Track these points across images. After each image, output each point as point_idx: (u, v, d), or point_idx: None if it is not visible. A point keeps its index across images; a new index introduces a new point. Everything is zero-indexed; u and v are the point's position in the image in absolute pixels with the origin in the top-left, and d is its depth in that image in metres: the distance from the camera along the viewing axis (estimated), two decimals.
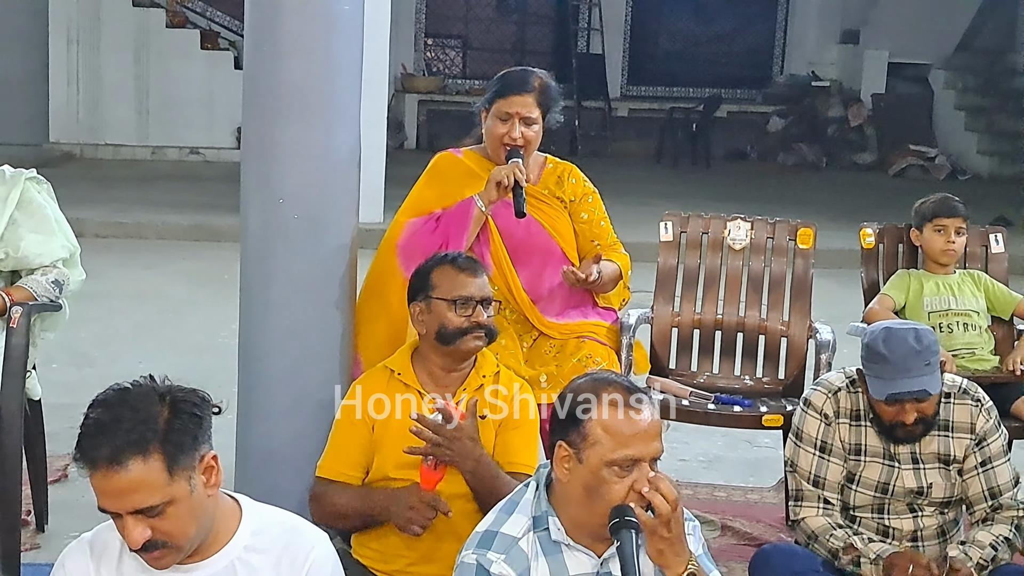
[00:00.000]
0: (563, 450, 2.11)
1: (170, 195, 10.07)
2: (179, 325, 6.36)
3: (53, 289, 3.38)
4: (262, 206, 3.34)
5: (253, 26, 3.38)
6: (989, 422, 3.09)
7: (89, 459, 1.82)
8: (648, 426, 2.10)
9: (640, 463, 2.05)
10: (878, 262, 4.29)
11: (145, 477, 1.82)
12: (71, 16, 11.58)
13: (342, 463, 2.90)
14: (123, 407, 1.87)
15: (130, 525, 1.84)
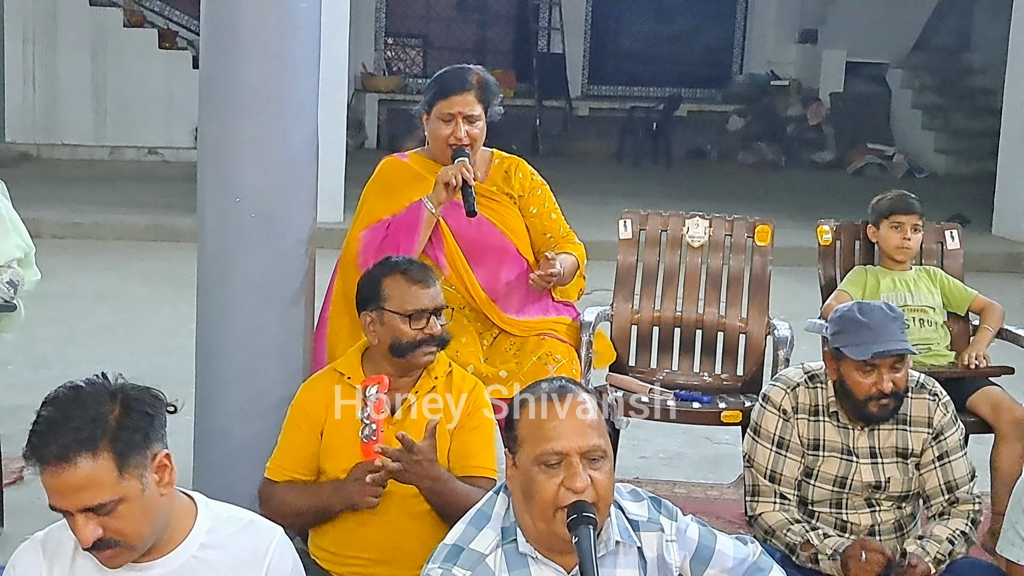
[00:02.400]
0: (508, 458, 2.17)
1: (128, 195, 10.14)
2: (138, 326, 6.39)
3: (8, 290, 3.42)
4: (219, 205, 3.38)
5: (209, 24, 3.40)
6: (946, 416, 3.18)
7: (39, 456, 1.86)
8: (573, 419, 2.10)
9: (568, 458, 2.05)
10: (835, 259, 4.35)
11: (95, 475, 1.86)
12: (27, 14, 11.67)
13: (291, 465, 2.97)
14: (74, 405, 1.91)
15: (80, 523, 1.88)
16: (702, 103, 15.13)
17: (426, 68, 14.75)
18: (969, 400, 3.76)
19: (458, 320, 3.54)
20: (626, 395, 3.95)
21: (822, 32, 15.19)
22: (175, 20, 12.91)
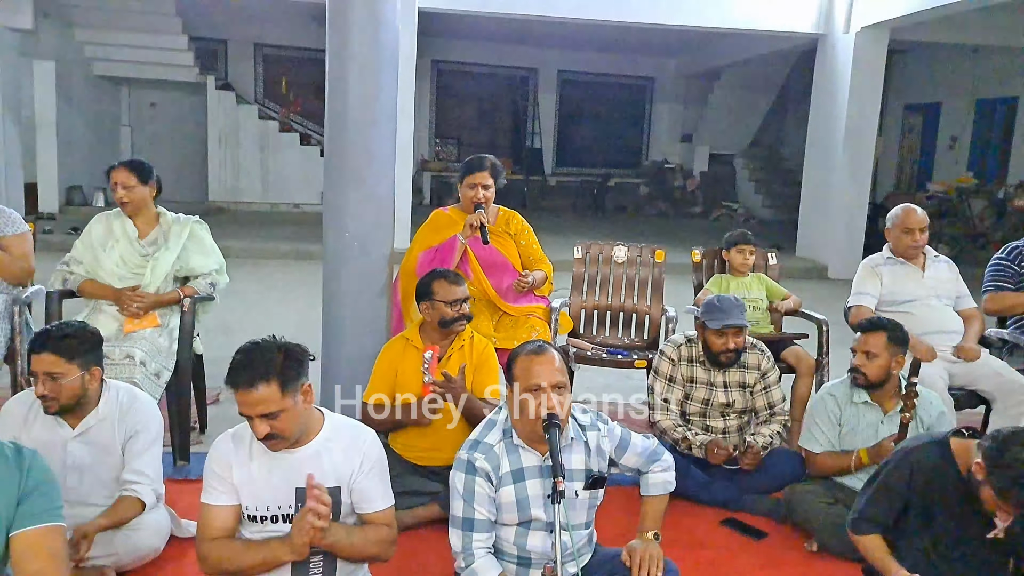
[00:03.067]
0: (508, 388, 2.34)
1: (281, 232, 10.78)
2: (285, 309, 6.74)
3: (209, 288, 3.66)
4: (336, 237, 3.66)
5: (330, 131, 3.66)
6: (768, 363, 3.55)
7: (234, 383, 2.06)
8: (545, 365, 2.23)
9: (544, 388, 2.20)
10: (702, 270, 4.59)
11: (267, 395, 2.04)
12: (221, 125, 12.62)
13: (377, 392, 3.21)
14: (255, 353, 2.09)
15: (258, 424, 2.06)
16: (623, 178, 15.66)
17: (459, 157, 14.89)
18: (781, 353, 4.00)
19: (477, 306, 3.74)
20: (579, 350, 4.18)
21: (695, 136, 15.85)
22: (309, 128, 13.72)
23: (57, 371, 2.50)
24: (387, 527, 2.25)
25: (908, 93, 13.64)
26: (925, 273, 4.03)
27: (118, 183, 3.56)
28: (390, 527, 2.25)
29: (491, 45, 14.88)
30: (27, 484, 1.81)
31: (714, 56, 13.88)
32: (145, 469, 2.63)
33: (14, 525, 1.79)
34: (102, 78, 12.57)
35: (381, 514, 2.24)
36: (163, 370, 3.42)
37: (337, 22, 3.55)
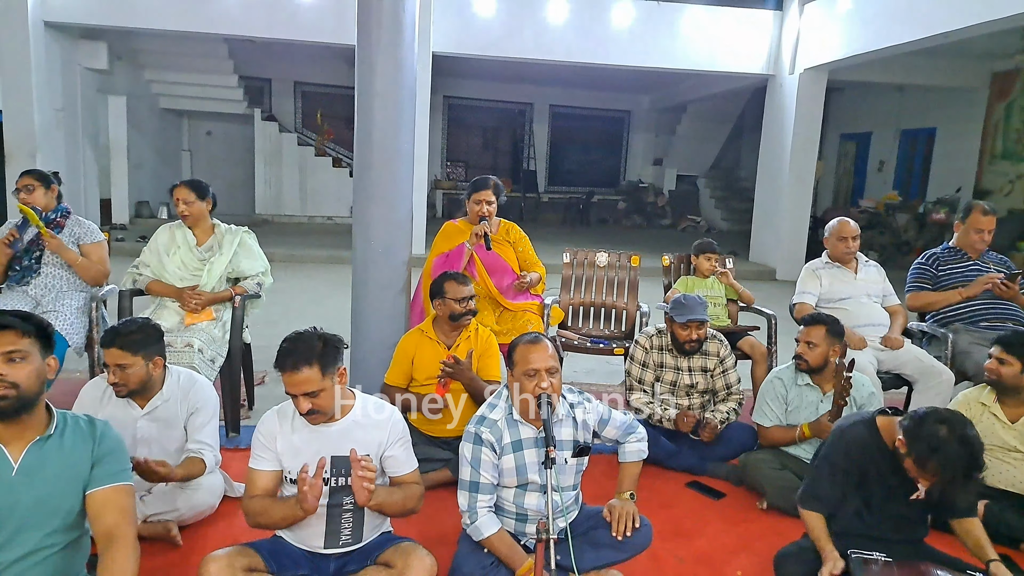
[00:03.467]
0: (508, 372, 2.33)
1: (317, 240, 10.68)
2: (321, 306, 6.65)
3: (256, 287, 3.66)
4: (363, 245, 3.65)
5: (359, 157, 3.63)
6: (726, 351, 3.52)
7: (282, 366, 2.06)
8: (540, 352, 2.23)
9: (539, 372, 2.20)
10: (671, 273, 4.56)
11: (310, 377, 2.04)
12: (266, 150, 12.59)
13: (396, 376, 3.20)
14: (299, 341, 2.09)
15: (301, 401, 2.06)
16: (605, 195, 15.57)
17: (467, 177, 15.18)
18: (738, 343, 4.02)
19: (482, 303, 3.71)
20: (567, 340, 4.18)
21: (665, 160, 15.74)
22: (340, 152, 13.62)
23: (124, 363, 2.52)
24: (416, 484, 2.27)
25: (844, 124, 13.63)
26: (857, 275, 4.03)
27: (180, 199, 3.56)
28: (418, 484, 2.28)
29: (493, 83, 14.94)
30: (99, 450, 1.82)
31: (681, 93, 13.87)
32: (206, 439, 2.64)
33: (90, 484, 1.80)
34: (166, 111, 12.65)
35: (410, 475, 2.26)
36: (217, 356, 3.42)
37: (364, 64, 3.55)
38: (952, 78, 10.17)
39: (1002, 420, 2.87)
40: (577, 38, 9.25)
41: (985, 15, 6.20)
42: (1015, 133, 9.99)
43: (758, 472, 3.14)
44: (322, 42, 9.05)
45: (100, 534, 1.77)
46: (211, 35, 9.74)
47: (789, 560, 2.44)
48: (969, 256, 3.99)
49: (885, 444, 2.35)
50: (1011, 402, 2.84)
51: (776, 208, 9.92)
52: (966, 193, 10.63)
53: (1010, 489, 2.85)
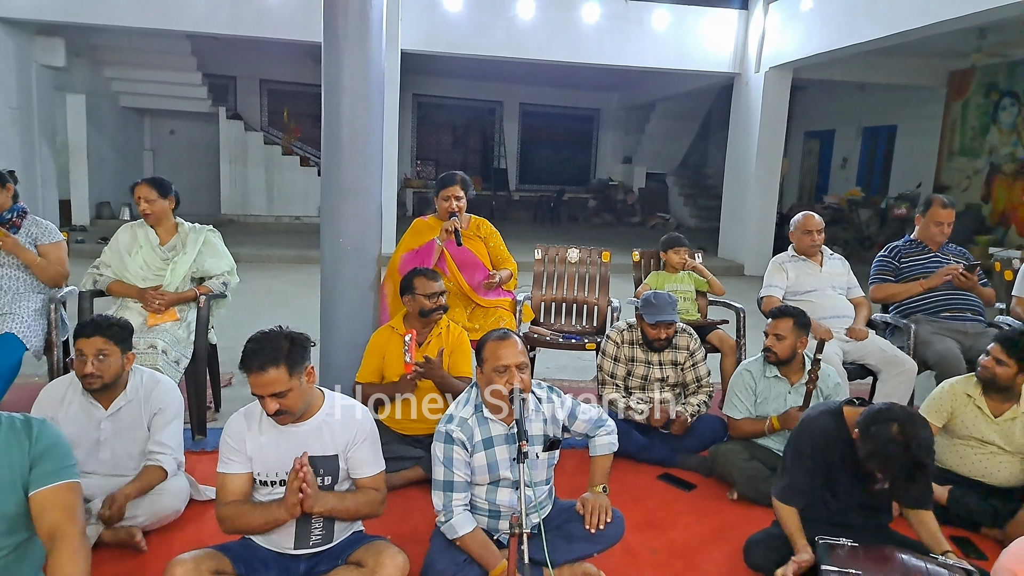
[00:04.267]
0: (477, 369, 2.33)
1: (285, 240, 10.52)
2: (289, 306, 6.52)
3: (222, 287, 3.59)
4: (332, 243, 3.57)
5: (327, 153, 3.56)
6: (695, 344, 3.55)
7: (247, 367, 2.02)
8: (509, 348, 2.23)
9: (509, 368, 2.20)
10: (641, 268, 4.59)
11: (277, 377, 2.01)
12: (231, 148, 12.30)
13: (367, 374, 3.16)
14: (265, 341, 2.05)
15: (268, 402, 2.03)
16: (575, 193, 15.60)
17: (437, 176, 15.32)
18: (707, 336, 4.03)
19: (453, 299, 3.69)
20: (540, 336, 4.16)
21: (634, 158, 15.82)
22: (308, 151, 13.46)
23: (105, 350, 2.48)
24: (375, 490, 2.22)
25: (807, 122, 13.87)
26: (823, 268, 4.09)
27: (141, 197, 3.49)
28: (379, 490, 2.22)
29: (463, 81, 14.91)
30: (36, 449, 1.75)
31: (649, 91, 13.97)
32: (167, 441, 2.59)
33: (30, 486, 1.73)
34: (127, 109, 12.35)
35: (370, 479, 2.21)
36: (182, 358, 3.36)
37: (331, 58, 3.49)
38: (911, 77, 10.39)
39: (986, 413, 2.90)
40: (547, 36, 9.27)
41: (943, 14, 6.35)
42: (971, 130, 10.25)
43: (728, 463, 3.16)
44: (288, 39, 8.92)
45: (43, 536, 1.71)
46: (173, 32, 9.55)
47: (758, 547, 2.48)
48: (929, 248, 4.08)
49: (849, 433, 2.38)
50: (997, 397, 2.87)
51: (743, 205, 10.03)
52: (926, 189, 10.88)
53: (978, 479, 2.90)
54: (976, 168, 10.13)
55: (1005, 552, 1.78)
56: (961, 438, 2.92)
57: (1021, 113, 9.38)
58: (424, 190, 14.45)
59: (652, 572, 2.55)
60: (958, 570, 2.07)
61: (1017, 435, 2.84)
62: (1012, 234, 9.46)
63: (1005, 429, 2.85)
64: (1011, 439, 2.84)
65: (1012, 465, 2.86)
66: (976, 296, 3.93)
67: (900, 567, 2.06)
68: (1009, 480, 2.88)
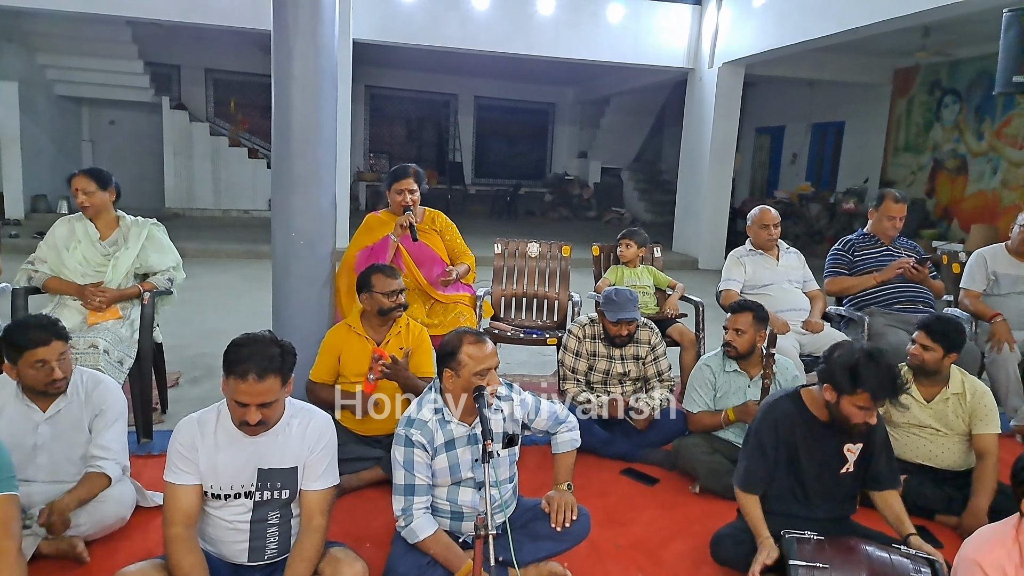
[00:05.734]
0: (447, 372, 2.22)
1: (232, 235, 10.31)
2: (239, 302, 6.33)
3: (167, 283, 3.46)
4: (283, 237, 3.49)
5: (277, 144, 3.47)
6: (657, 338, 3.56)
7: (240, 373, 1.87)
8: (489, 351, 2.20)
9: (489, 370, 2.18)
10: (601, 263, 4.61)
11: (272, 387, 1.92)
12: (176, 139, 11.97)
13: (323, 373, 3.07)
14: (258, 346, 1.92)
15: (253, 412, 1.91)
16: (531, 188, 15.63)
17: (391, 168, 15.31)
18: (667, 330, 4.06)
19: (411, 296, 3.63)
20: (501, 331, 4.14)
21: (590, 152, 15.94)
22: (256, 143, 13.20)
23: (64, 352, 2.38)
24: (320, 514, 2.06)
25: (758, 118, 14.12)
26: (779, 262, 4.15)
27: (79, 189, 3.33)
28: (323, 515, 2.07)
29: (417, 73, 14.78)
30: None
31: (604, 86, 14.06)
32: (109, 444, 2.45)
33: None
34: (63, 98, 11.78)
35: (319, 494, 2.07)
36: (125, 357, 3.21)
37: (281, 46, 3.38)
38: (858, 74, 10.66)
39: (918, 400, 3.00)
40: (502, 28, 9.21)
41: (891, 12, 6.51)
42: (915, 127, 10.57)
43: (690, 457, 3.17)
44: (235, 27, 8.65)
45: None
46: (113, 17, 9.17)
47: (725, 542, 2.48)
48: (882, 242, 4.17)
49: (811, 414, 2.40)
50: (926, 382, 2.97)
51: (698, 199, 10.15)
52: (873, 184, 11.19)
53: (926, 463, 2.99)
54: (920, 164, 10.46)
55: (967, 543, 1.80)
56: (900, 426, 3.00)
57: (962, 111, 9.71)
58: (377, 183, 14.28)
59: (617, 568, 2.54)
60: (920, 559, 2.09)
61: (950, 416, 2.95)
62: (955, 228, 9.80)
63: (939, 411, 2.96)
64: (946, 420, 2.95)
65: (953, 446, 2.97)
66: (927, 288, 4.03)
67: (865, 559, 2.08)
68: (955, 462, 2.98)
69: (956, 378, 2.97)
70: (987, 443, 2.84)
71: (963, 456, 2.96)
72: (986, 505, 2.75)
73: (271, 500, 2.04)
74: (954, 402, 2.95)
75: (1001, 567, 1.67)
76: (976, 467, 2.87)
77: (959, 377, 2.98)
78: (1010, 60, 4.39)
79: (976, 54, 9.28)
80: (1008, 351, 3.79)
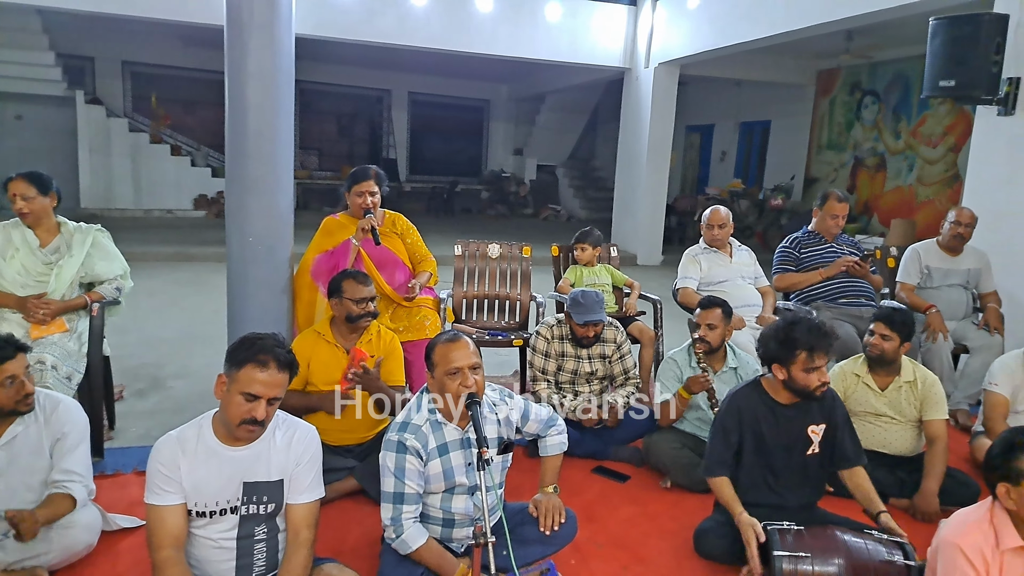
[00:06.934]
0: (428, 374, 2.23)
1: (157, 236, 9.82)
2: (177, 308, 5.98)
3: (115, 292, 3.33)
4: (240, 242, 3.42)
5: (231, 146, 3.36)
6: (622, 336, 3.60)
7: (262, 362, 1.88)
8: (460, 350, 2.18)
9: (462, 371, 2.14)
10: (560, 262, 4.64)
11: (284, 382, 1.95)
12: (91, 135, 11.34)
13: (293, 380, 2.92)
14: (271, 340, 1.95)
15: (262, 406, 1.90)
16: (468, 185, 15.56)
17: (321, 165, 14.72)
18: (627, 328, 4.02)
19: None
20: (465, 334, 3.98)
21: (525, 150, 16.02)
22: (179, 140, 12.70)
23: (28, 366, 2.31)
24: (307, 529, 2.04)
25: (689, 116, 14.51)
26: (732, 259, 4.29)
27: (17, 194, 3.13)
28: (310, 529, 2.05)
29: (348, 68, 14.51)
30: None
31: (539, 83, 14.15)
32: (75, 467, 2.32)
33: None
34: None
35: (305, 507, 2.04)
36: (74, 373, 3.05)
37: (235, 45, 3.29)
38: (784, 75, 11.12)
39: (874, 389, 3.16)
40: (440, 25, 9.14)
41: (818, 17, 6.81)
42: (837, 126, 11.11)
43: (660, 452, 3.25)
44: (154, 18, 8.20)
45: None
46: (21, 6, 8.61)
47: (708, 535, 2.55)
48: (826, 239, 4.37)
49: (773, 399, 2.51)
50: (881, 372, 3.13)
51: (635, 197, 10.35)
52: (799, 180, 11.69)
53: (880, 450, 3.15)
54: (842, 161, 11.00)
55: (944, 526, 1.92)
56: (857, 414, 3.14)
57: (881, 111, 10.26)
58: (308, 181, 13.98)
59: (603, 567, 2.57)
60: (892, 544, 2.21)
61: (903, 404, 3.11)
62: (875, 222, 10.35)
63: (893, 400, 3.12)
64: (899, 408, 3.12)
65: (906, 433, 3.14)
66: (869, 283, 4.25)
67: (843, 546, 2.19)
68: (907, 448, 3.16)
69: (908, 367, 3.14)
70: (937, 428, 3.02)
71: (914, 442, 3.15)
72: (936, 488, 2.92)
73: (257, 515, 2.00)
74: (907, 390, 3.11)
75: (979, 549, 1.77)
76: (927, 452, 3.05)
77: (910, 366, 3.15)
78: (937, 66, 4.67)
79: (894, 57, 9.82)
80: (942, 340, 4.02)
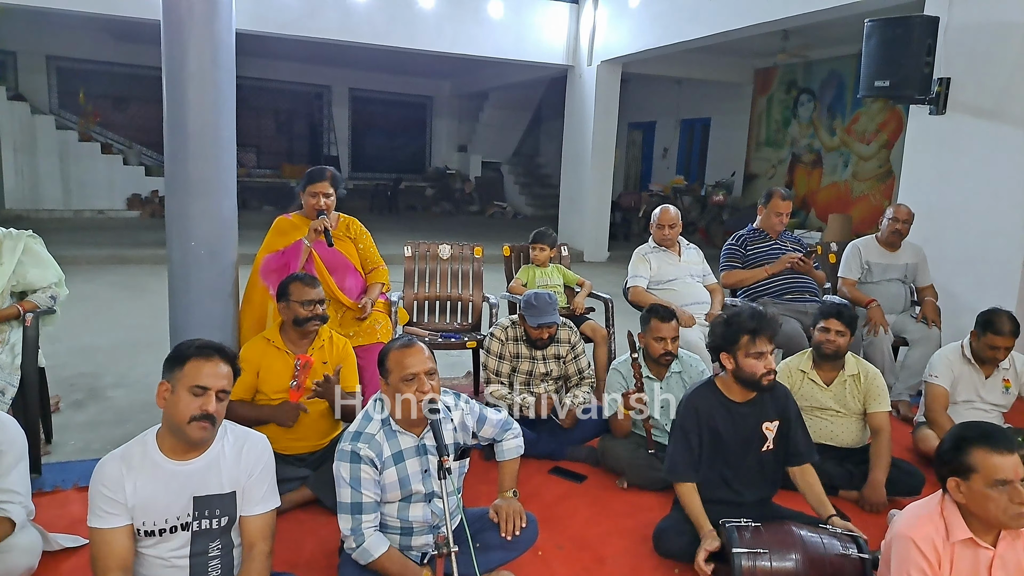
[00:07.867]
0: (381, 380, 2.20)
1: (88, 238, 9.45)
2: (109, 314, 5.68)
3: (50, 301, 3.23)
4: (182, 247, 3.27)
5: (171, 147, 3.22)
6: (576, 337, 3.61)
7: (205, 354, 1.88)
8: (416, 356, 2.14)
9: (418, 376, 2.11)
10: (512, 263, 4.65)
11: (228, 373, 1.92)
12: (15, 133, 10.80)
13: (239, 390, 2.83)
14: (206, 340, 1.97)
15: (211, 398, 1.87)
16: (412, 182, 15.40)
17: (259, 163, 14.43)
18: (580, 327, 4.04)
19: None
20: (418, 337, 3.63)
21: (469, 146, 16.04)
22: (109, 137, 12.27)
23: None
24: (263, 542, 2.00)
25: (631, 114, 14.67)
26: (681, 257, 4.36)
27: None
28: (265, 540, 2.01)
29: (287, 64, 14.25)
30: None
31: (482, 80, 14.15)
32: (14, 487, 2.19)
33: None
34: None
35: (261, 518, 2.01)
36: (8, 387, 2.92)
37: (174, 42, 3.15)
38: (723, 74, 11.38)
39: (819, 384, 3.24)
40: (383, 20, 9.02)
41: (757, 17, 6.99)
42: (775, 124, 11.43)
43: (615, 454, 3.28)
44: (82, 11, 7.85)
45: None
46: None
47: (667, 534, 2.58)
48: (770, 236, 4.48)
49: (727, 397, 2.56)
50: (827, 367, 3.22)
51: (581, 194, 10.42)
52: (739, 177, 11.98)
53: (827, 443, 3.25)
54: (780, 158, 11.32)
55: (897, 519, 1.98)
56: (804, 409, 3.19)
57: (816, 108, 10.60)
58: (247, 179, 13.58)
59: (564, 569, 2.58)
60: (846, 537, 2.28)
61: (848, 397, 3.20)
62: (812, 218, 10.68)
63: (838, 394, 3.21)
64: (844, 402, 3.20)
65: (851, 426, 3.24)
66: (812, 279, 4.37)
67: (800, 542, 2.24)
68: (853, 440, 3.26)
69: (851, 361, 3.23)
70: (880, 420, 3.12)
71: (860, 434, 3.25)
72: (884, 478, 3.02)
73: (210, 529, 1.94)
74: (851, 384, 3.21)
75: (931, 540, 1.82)
76: (872, 443, 3.15)
77: (853, 361, 3.24)
78: (872, 67, 4.84)
79: (828, 56, 10.15)
80: (883, 334, 4.16)
